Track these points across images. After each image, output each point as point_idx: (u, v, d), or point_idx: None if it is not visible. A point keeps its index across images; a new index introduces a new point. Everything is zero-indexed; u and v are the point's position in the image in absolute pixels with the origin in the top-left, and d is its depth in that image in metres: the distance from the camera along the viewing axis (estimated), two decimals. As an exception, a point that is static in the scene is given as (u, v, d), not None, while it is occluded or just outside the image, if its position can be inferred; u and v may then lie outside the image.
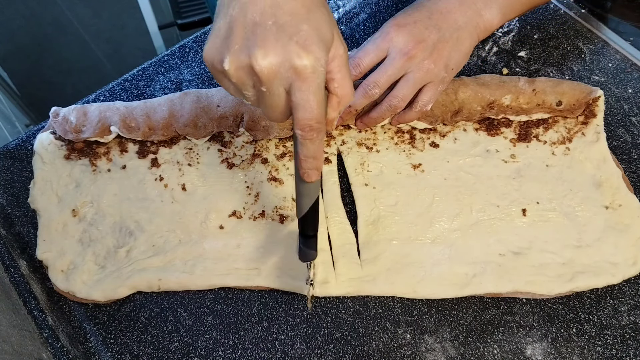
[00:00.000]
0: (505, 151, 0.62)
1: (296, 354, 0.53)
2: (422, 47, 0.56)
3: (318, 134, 0.40)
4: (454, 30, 0.57)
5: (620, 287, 0.56)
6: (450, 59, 0.57)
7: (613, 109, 0.67)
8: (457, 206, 0.59)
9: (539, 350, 0.53)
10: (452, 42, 0.57)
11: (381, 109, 0.59)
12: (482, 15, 0.59)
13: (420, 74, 0.56)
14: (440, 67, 0.57)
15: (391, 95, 0.58)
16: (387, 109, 0.58)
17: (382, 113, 0.59)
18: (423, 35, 0.56)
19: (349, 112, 0.60)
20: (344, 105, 0.43)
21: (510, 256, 0.56)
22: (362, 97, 0.58)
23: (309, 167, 0.43)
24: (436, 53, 0.56)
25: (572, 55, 0.71)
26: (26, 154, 0.65)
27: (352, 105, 0.59)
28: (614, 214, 0.58)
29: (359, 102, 0.58)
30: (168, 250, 0.57)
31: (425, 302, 0.55)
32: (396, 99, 0.57)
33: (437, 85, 0.58)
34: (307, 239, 0.50)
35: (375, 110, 0.59)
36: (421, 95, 0.58)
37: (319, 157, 0.43)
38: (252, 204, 0.59)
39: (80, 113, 0.62)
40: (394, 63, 0.56)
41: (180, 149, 0.63)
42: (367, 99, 0.58)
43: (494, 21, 0.60)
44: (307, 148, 0.41)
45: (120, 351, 0.54)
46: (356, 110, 0.60)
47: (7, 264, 0.57)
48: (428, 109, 0.59)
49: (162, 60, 0.72)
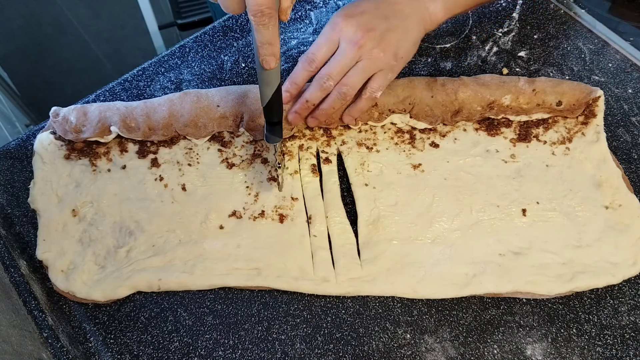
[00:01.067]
0: (505, 151, 0.62)
1: (296, 354, 0.53)
2: (371, 35, 0.57)
3: (270, 19, 0.44)
4: (401, 20, 0.59)
5: (620, 287, 0.56)
6: (399, 48, 0.58)
7: (613, 109, 0.67)
8: (457, 206, 0.59)
9: (539, 350, 0.53)
10: (401, 31, 0.58)
11: (331, 98, 0.59)
12: (427, 7, 0.61)
13: (370, 62, 0.57)
14: (390, 56, 0.58)
15: (340, 83, 0.58)
16: (337, 96, 0.59)
17: (333, 102, 0.59)
18: (371, 24, 0.57)
19: (307, 107, 0.60)
20: None
21: (510, 256, 0.56)
22: (317, 90, 0.58)
23: (265, 53, 0.46)
24: (385, 42, 0.57)
25: (572, 55, 0.71)
26: (26, 154, 0.65)
27: (309, 100, 0.59)
28: (614, 214, 0.58)
29: (315, 95, 0.59)
30: (168, 250, 0.57)
31: (425, 302, 0.55)
32: (345, 87, 0.58)
33: (387, 74, 0.59)
34: (273, 126, 0.54)
35: (326, 101, 0.60)
36: (370, 82, 0.59)
37: (274, 43, 0.46)
38: (252, 204, 0.59)
39: (80, 113, 0.62)
40: (345, 53, 0.57)
41: (180, 149, 0.63)
42: (323, 91, 0.59)
43: (439, 15, 0.62)
44: (262, 34, 0.45)
45: (120, 351, 0.54)
46: (313, 105, 0.60)
47: (7, 264, 0.57)
48: (378, 96, 0.60)
49: (162, 60, 0.72)
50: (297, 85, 0.60)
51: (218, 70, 0.71)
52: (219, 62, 0.72)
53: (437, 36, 0.73)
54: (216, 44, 0.73)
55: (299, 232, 0.58)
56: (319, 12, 0.77)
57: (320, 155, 0.62)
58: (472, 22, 0.74)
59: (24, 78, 1.78)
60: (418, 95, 0.62)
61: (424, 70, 0.70)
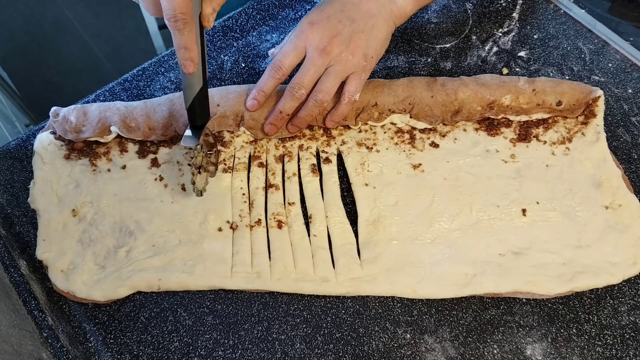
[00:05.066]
0: (505, 151, 0.62)
1: (296, 354, 0.53)
2: (337, 40, 0.57)
3: (184, 25, 0.45)
4: (368, 19, 0.59)
5: (620, 287, 0.56)
6: (368, 48, 0.59)
7: (613, 109, 0.67)
8: (457, 206, 0.59)
9: (539, 351, 0.53)
10: (368, 31, 0.59)
11: (308, 106, 0.59)
12: (395, 1, 0.61)
13: (341, 66, 0.58)
14: (360, 57, 0.58)
15: (315, 90, 0.58)
16: (314, 104, 0.59)
17: (310, 110, 0.59)
18: (337, 28, 0.58)
19: (282, 117, 0.60)
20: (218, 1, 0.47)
21: (510, 256, 0.56)
22: (290, 100, 0.59)
23: (182, 57, 0.47)
24: (353, 44, 0.58)
25: (572, 55, 0.71)
26: (26, 154, 0.65)
27: (282, 111, 0.59)
28: (614, 214, 0.58)
29: (288, 105, 0.59)
30: (168, 251, 0.57)
31: (425, 302, 0.55)
32: (320, 93, 0.58)
33: (360, 75, 0.59)
34: (195, 129, 0.55)
35: (303, 108, 0.60)
36: (346, 86, 0.59)
37: (191, 47, 0.47)
38: (249, 211, 0.59)
39: (80, 113, 0.62)
40: (313, 61, 0.57)
41: (180, 148, 0.62)
42: (296, 100, 0.59)
43: (407, 7, 0.62)
44: (177, 38, 0.46)
45: (120, 351, 0.54)
46: (288, 115, 0.60)
47: (7, 264, 0.57)
48: (357, 98, 0.60)
49: (162, 60, 0.72)
50: (265, 94, 0.60)
51: (218, 70, 0.71)
52: (219, 62, 0.72)
53: (437, 36, 0.73)
54: (216, 44, 0.73)
55: (298, 235, 0.58)
56: (319, 12, 0.77)
57: (320, 155, 0.62)
58: (472, 22, 0.74)
59: (24, 78, 1.78)
60: (418, 95, 0.62)
61: (424, 70, 0.70)
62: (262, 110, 0.61)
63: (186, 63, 0.48)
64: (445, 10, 0.76)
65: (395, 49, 0.72)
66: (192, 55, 0.47)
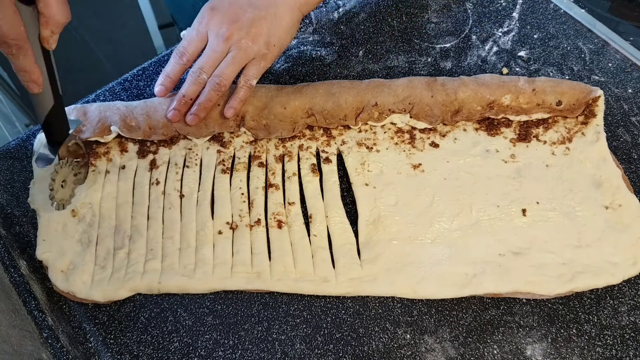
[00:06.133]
0: (505, 151, 0.62)
1: (296, 354, 0.53)
2: (237, 26, 0.58)
3: (18, 50, 0.44)
4: (270, 6, 0.59)
5: (620, 287, 0.56)
6: (270, 36, 0.59)
7: (613, 109, 0.67)
8: (457, 206, 0.59)
9: (539, 351, 0.53)
10: (270, 19, 0.59)
11: (207, 90, 0.60)
12: None
13: (239, 52, 0.58)
14: (260, 44, 0.58)
15: (214, 75, 0.59)
16: (212, 88, 0.59)
17: (209, 94, 0.59)
18: (237, 14, 0.58)
19: (184, 102, 0.60)
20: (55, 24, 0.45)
21: (510, 256, 0.56)
22: (192, 85, 0.59)
23: (23, 79, 0.47)
24: (254, 30, 0.58)
25: (572, 55, 0.71)
26: (26, 154, 0.65)
27: (185, 95, 0.60)
28: (614, 214, 0.58)
29: (191, 89, 0.59)
30: (167, 255, 0.57)
31: (425, 302, 0.55)
32: (218, 78, 0.58)
33: (260, 62, 0.59)
34: (52, 146, 0.54)
35: (202, 94, 0.60)
36: (245, 71, 0.60)
37: (30, 70, 0.46)
38: (249, 211, 0.59)
39: (80, 113, 0.62)
40: (214, 47, 0.58)
41: (180, 149, 0.62)
42: (198, 85, 0.59)
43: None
44: (13, 63, 0.45)
45: (120, 351, 0.54)
46: (191, 100, 0.60)
47: (7, 264, 0.57)
48: (254, 84, 0.60)
49: (162, 60, 0.72)
50: (171, 79, 0.61)
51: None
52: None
53: (437, 36, 0.73)
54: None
55: (298, 235, 0.58)
56: (319, 11, 0.77)
57: (320, 155, 0.62)
58: (472, 22, 0.74)
59: (24, 78, 1.78)
60: (418, 95, 0.62)
61: (424, 70, 0.70)
62: (256, 105, 0.61)
63: (29, 85, 0.47)
64: (445, 10, 0.76)
65: (395, 48, 0.72)
66: (34, 77, 0.47)
